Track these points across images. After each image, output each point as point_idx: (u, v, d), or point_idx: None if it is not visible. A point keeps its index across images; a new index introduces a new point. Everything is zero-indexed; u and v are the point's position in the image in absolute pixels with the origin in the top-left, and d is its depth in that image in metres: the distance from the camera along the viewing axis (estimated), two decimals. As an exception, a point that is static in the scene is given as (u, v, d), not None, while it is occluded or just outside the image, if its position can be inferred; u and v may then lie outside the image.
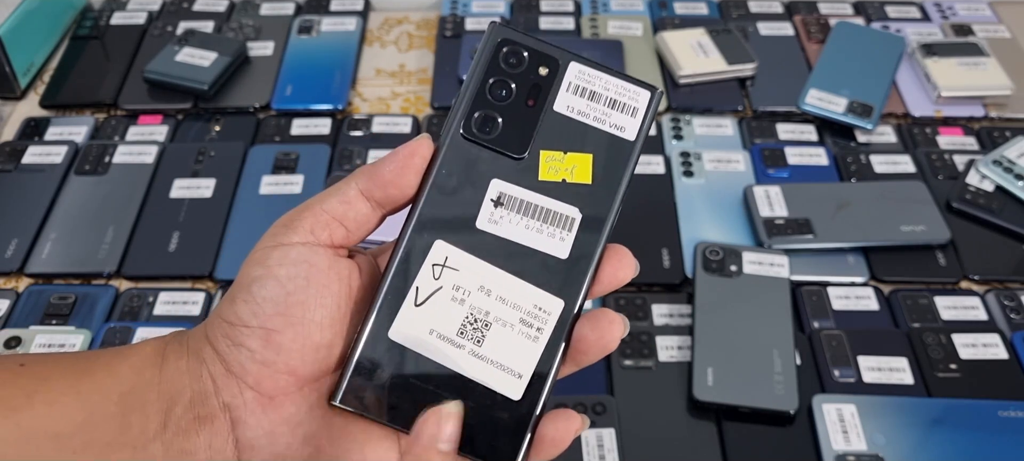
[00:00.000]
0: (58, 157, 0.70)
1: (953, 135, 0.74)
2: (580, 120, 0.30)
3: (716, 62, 0.78)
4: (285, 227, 0.30)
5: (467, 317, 0.29)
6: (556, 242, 0.29)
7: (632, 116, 0.30)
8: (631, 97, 0.30)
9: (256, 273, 0.29)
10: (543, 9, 0.87)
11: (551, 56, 0.30)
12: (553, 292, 0.29)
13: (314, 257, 0.29)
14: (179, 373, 0.30)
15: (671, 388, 0.54)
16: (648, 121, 0.30)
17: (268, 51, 0.81)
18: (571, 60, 0.30)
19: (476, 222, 0.29)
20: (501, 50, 0.30)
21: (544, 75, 0.30)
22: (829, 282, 0.61)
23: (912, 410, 0.52)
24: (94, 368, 0.30)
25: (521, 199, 0.29)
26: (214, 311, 0.31)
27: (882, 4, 0.88)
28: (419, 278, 0.29)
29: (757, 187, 0.66)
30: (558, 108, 0.30)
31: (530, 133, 0.30)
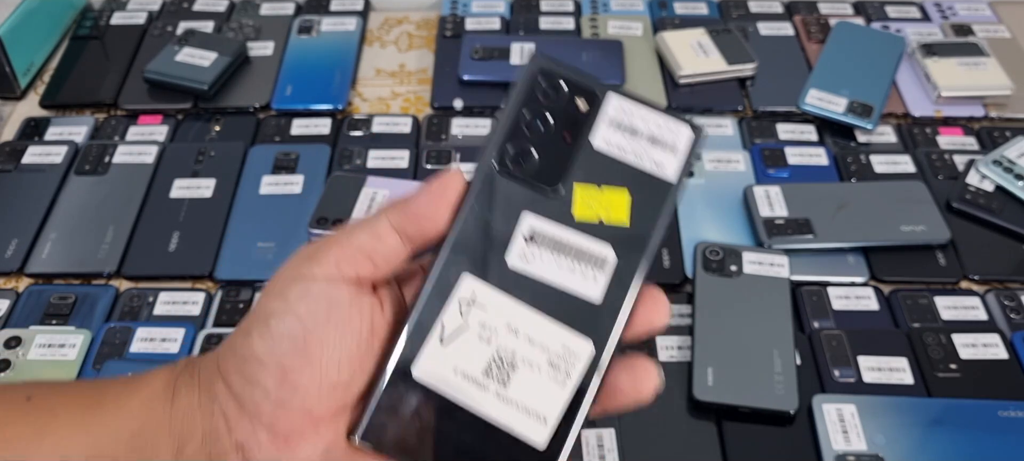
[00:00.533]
0: (58, 157, 0.70)
1: (953, 135, 0.74)
2: (618, 157, 0.29)
3: (716, 62, 0.78)
4: (309, 259, 0.29)
5: (493, 357, 0.28)
6: (589, 283, 0.28)
7: (672, 154, 0.29)
8: (671, 134, 0.29)
9: (274, 306, 0.28)
10: (543, 9, 0.87)
11: (591, 89, 0.30)
12: (583, 334, 0.28)
13: (336, 293, 0.28)
14: (190, 410, 0.29)
15: (671, 388, 0.54)
16: (689, 160, 0.29)
17: (268, 51, 0.81)
18: (611, 93, 0.29)
19: (506, 258, 0.28)
20: (540, 81, 0.30)
21: (583, 109, 0.29)
22: (829, 282, 0.61)
23: (912, 410, 0.52)
24: (103, 402, 0.29)
25: (554, 236, 0.28)
26: (228, 341, 0.30)
27: (882, 4, 0.88)
28: (445, 314, 0.28)
29: (757, 187, 0.66)
30: (596, 143, 0.29)
31: (566, 168, 0.29)
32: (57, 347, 0.57)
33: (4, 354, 0.56)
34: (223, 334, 0.57)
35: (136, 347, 0.57)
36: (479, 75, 0.78)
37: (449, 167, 0.30)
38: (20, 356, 0.56)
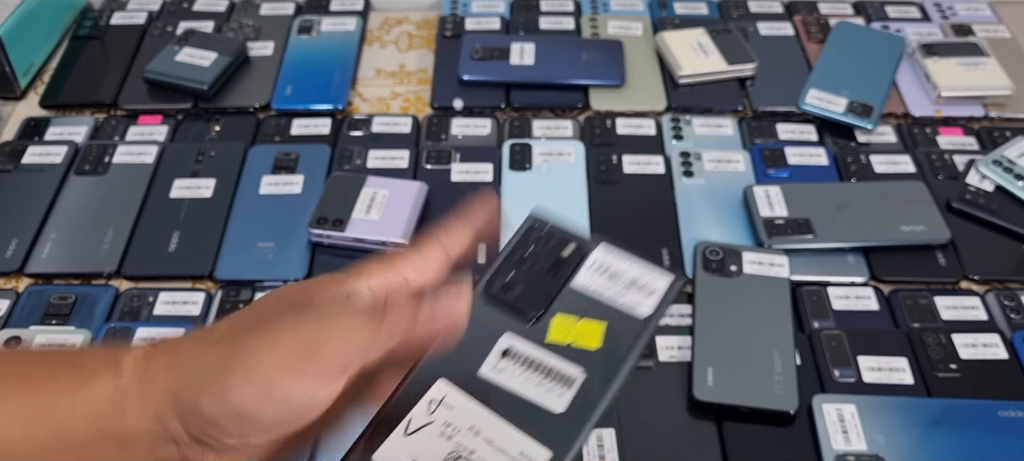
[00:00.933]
0: (58, 157, 0.70)
1: (953, 135, 0.74)
2: (596, 296, 0.32)
3: (716, 62, 0.78)
4: (312, 353, 0.28)
5: (451, 452, 0.28)
6: (554, 397, 0.29)
7: (649, 296, 0.32)
8: (651, 280, 0.32)
9: (258, 393, 0.27)
10: (543, 9, 0.87)
11: (579, 243, 0.33)
12: (543, 443, 0.28)
13: (325, 400, 0.28)
14: (140, 434, 0.28)
15: (671, 388, 0.54)
16: (665, 303, 0.32)
17: (268, 51, 0.81)
18: (599, 246, 0.33)
19: (480, 369, 0.30)
20: (535, 232, 0.34)
21: (569, 255, 0.33)
22: (829, 282, 0.61)
23: (912, 410, 0.52)
24: (45, 401, 0.28)
25: (528, 354, 0.30)
26: (197, 371, 0.28)
27: (882, 4, 0.88)
28: (414, 410, 0.29)
29: (757, 187, 0.66)
30: (578, 284, 0.32)
31: (548, 301, 0.32)
32: (57, 347, 0.57)
33: (4, 354, 0.56)
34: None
35: (136, 347, 0.57)
36: (479, 75, 0.78)
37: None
38: (20, 356, 0.56)
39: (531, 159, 0.70)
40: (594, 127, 0.74)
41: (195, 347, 0.29)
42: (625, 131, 0.74)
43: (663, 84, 0.78)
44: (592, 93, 0.77)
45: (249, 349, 0.28)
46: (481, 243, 0.34)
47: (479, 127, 0.74)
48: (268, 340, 0.28)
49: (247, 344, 0.28)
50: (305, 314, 0.29)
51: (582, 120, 0.76)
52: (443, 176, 0.69)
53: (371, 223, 0.63)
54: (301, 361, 0.28)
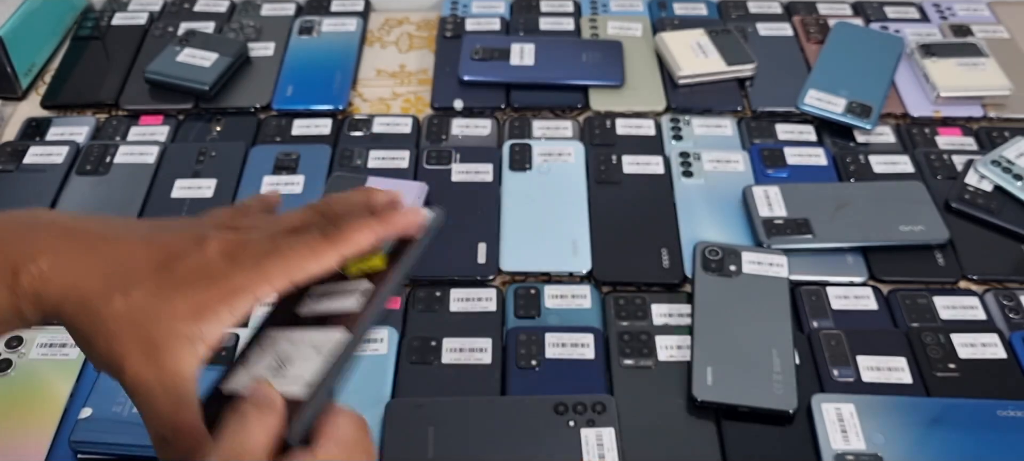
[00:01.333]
0: (59, 157, 0.71)
1: (952, 135, 0.74)
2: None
3: (715, 63, 0.78)
4: (195, 327, 0.33)
5: (273, 360, 0.35)
6: (351, 302, 0.36)
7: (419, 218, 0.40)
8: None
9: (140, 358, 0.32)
10: (543, 10, 0.87)
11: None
12: (342, 327, 0.35)
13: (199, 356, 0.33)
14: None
15: (670, 387, 0.55)
16: (433, 228, 0.40)
17: (269, 52, 0.82)
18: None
19: (297, 309, 0.38)
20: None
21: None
22: (828, 282, 0.62)
23: (911, 409, 0.53)
24: None
25: (330, 287, 0.38)
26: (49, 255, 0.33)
27: (881, 5, 0.88)
28: (249, 349, 0.37)
29: (756, 187, 0.66)
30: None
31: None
32: (58, 347, 0.57)
33: (5, 354, 0.56)
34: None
35: (137, 347, 0.57)
36: (479, 76, 0.78)
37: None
38: (21, 356, 0.56)
39: (531, 159, 0.70)
40: (594, 127, 0.74)
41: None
42: (625, 131, 0.74)
43: (662, 84, 0.78)
44: (592, 93, 0.77)
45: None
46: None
47: (479, 127, 0.74)
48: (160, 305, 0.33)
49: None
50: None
51: (582, 120, 0.76)
52: (443, 176, 0.69)
53: (372, 223, 0.63)
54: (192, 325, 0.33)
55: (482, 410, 0.53)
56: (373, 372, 0.55)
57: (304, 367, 0.34)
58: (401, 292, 0.46)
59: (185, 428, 0.32)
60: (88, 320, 0.32)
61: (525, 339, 0.57)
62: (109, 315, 0.32)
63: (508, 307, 0.60)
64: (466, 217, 0.66)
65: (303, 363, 0.34)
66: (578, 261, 0.63)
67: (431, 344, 0.57)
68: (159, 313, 0.32)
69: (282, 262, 0.34)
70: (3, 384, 0.55)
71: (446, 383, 0.55)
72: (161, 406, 0.32)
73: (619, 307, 0.59)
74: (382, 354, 0.56)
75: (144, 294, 0.32)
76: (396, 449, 0.51)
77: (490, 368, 0.56)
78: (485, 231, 0.64)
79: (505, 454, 0.50)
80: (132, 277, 0.33)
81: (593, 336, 0.57)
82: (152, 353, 0.32)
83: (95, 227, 0.35)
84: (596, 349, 0.56)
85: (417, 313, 0.59)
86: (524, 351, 0.56)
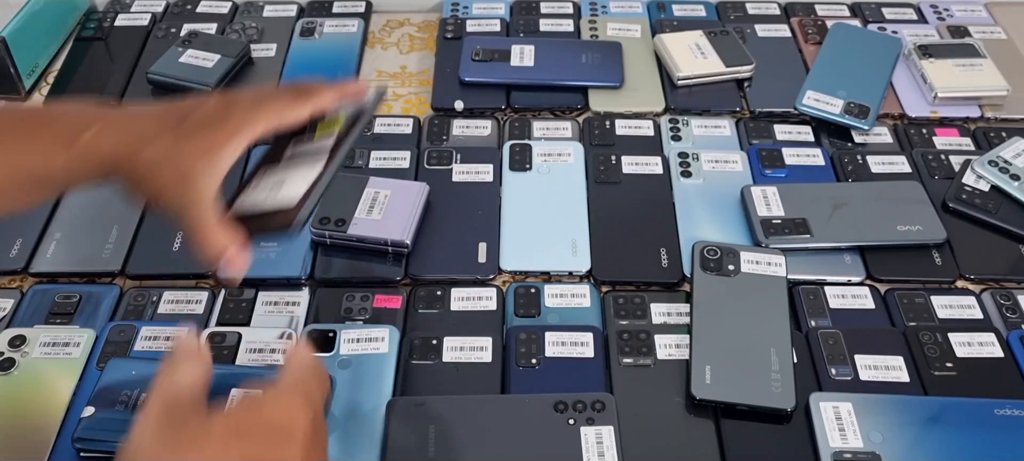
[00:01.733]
0: (62, 158, 0.71)
1: (949, 136, 0.74)
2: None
3: (714, 64, 0.79)
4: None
5: (274, 182, 0.48)
6: (322, 149, 0.49)
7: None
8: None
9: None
10: (543, 11, 0.88)
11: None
12: (319, 163, 0.48)
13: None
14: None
15: (669, 386, 0.55)
16: (377, 100, 0.53)
17: (271, 53, 0.82)
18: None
19: (285, 152, 0.50)
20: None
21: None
22: (826, 281, 0.62)
23: (908, 408, 0.53)
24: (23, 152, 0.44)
25: (303, 145, 0.50)
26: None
27: (878, 6, 0.89)
28: (254, 176, 0.49)
29: (754, 187, 0.67)
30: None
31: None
32: (61, 346, 0.57)
33: (9, 353, 0.56)
34: (226, 332, 0.58)
35: (140, 345, 0.57)
36: (480, 76, 0.78)
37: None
38: (25, 355, 0.56)
39: (531, 159, 0.71)
40: (593, 128, 0.75)
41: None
42: (624, 132, 0.74)
43: (661, 85, 0.79)
44: (591, 94, 0.77)
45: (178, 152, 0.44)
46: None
47: (480, 128, 0.75)
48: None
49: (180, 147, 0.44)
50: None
51: (581, 121, 0.76)
52: (444, 176, 0.69)
53: (373, 223, 0.63)
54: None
55: (482, 408, 0.53)
56: (374, 370, 0.56)
57: (297, 185, 0.47)
58: (351, 158, 0.67)
59: (213, 234, 0.44)
60: (131, 168, 0.44)
61: (525, 338, 0.57)
62: (145, 162, 0.43)
63: (508, 306, 0.60)
64: (467, 217, 0.66)
65: (295, 183, 0.47)
66: (578, 260, 0.63)
67: (432, 342, 0.57)
68: (181, 153, 0.43)
69: (267, 110, 0.46)
70: (6, 383, 0.55)
71: (447, 381, 0.55)
72: (193, 220, 0.43)
73: (618, 306, 0.60)
74: (383, 353, 0.57)
75: (169, 142, 0.44)
76: (397, 447, 0.51)
77: (490, 367, 0.56)
78: (485, 231, 0.65)
79: (505, 452, 0.50)
80: (158, 132, 0.44)
81: (593, 335, 0.58)
82: (181, 183, 0.43)
83: (126, 107, 0.48)
84: (596, 348, 0.57)
85: (418, 312, 0.60)
86: (524, 350, 0.57)
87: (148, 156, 0.43)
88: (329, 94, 0.49)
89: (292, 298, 0.61)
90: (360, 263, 0.63)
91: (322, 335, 0.58)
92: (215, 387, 0.53)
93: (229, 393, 0.53)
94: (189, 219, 0.43)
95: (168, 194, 0.43)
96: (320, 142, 0.50)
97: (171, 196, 0.43)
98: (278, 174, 0.48)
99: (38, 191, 0.47)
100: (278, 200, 0.46)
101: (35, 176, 0.45)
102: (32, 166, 0.44)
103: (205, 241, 0.43)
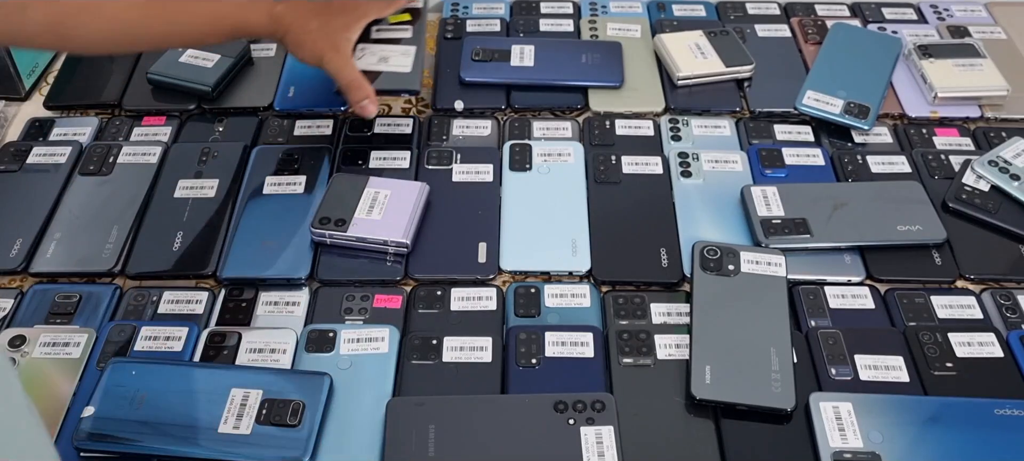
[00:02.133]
0: (62, 157, 0.71)
1: (949, 136, 0.74)
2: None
3: (714, 64, 0.79)
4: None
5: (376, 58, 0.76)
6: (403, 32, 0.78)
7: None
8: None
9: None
10: (543, 11, 0.88)
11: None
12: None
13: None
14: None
15: (669, 386, 0.55)
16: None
17: (271, 52, 0.82)
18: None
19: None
20: None
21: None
22: (826, 281, 0.62)
23: (908, 408, 0.53)
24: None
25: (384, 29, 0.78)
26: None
27: (878, 6, 0.89)
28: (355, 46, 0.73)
29: (754, 187, 0.67)
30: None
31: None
32: (61, 345, 0.57)
33: (9, 353, 0.56)
34: (226, 333, 0.58)
35: (140, 345, 0.57)
36: (480, 77, 0.78)
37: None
38: (25, 355, 0.56)
39: (531, 159, 0.71)
40: (593, 128, 0.75)
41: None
42: (624, 132, 0.74)
43: (661, 85, 0.79)
44: (591, 94, 0.77)
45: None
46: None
47: (480, 128, 0.75)
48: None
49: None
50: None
51: (581, 121, 0.76)
52: (444, 176, 0.69)
53: (373, 223, 0.63)
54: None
55: (483, 408, 0.53)
56: (375, 370, 0.56)
57: (404, 58, 0.76)
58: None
59: (356, 78, 0.67)
60: (301, 31, 0.65)
61: (525, 337, 0.57)
62: (310, 30, 0.65)
63: (508, 306, 0.60)
64: (467, 217, 0.66)
65: (399, 57, 0.76)
66: (578, 260, 0.63)
67: (432, 342, 0.57)
68: (334, 27, 0.67)
69: (375, 5, 0.72)
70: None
71: (447, 381, 0.55)
72: (344, 75, 0.67)
73: (618, 306, 0.60)
74: (383, 353, 0.57)
75: (326, 17, 0.66)
76: (397, 447, 0.51)
77: (490, 367, 0.56)
78: (485, 231, 0.65)
79: (505, 452, 0.50)
80: (319, 12, 0.66)
81: (593, 335, 0.58)
82: (336, 47, 0.67)
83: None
84: (596, 348, 0.57)
85: (418, 312, 0.60)
86: (524, 349, 0.57)
87: (313, 26, 0.65)
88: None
89: (292, 298, 0.61)
90: (360, 263, 0.63)
91: (322, 335, 0.58)
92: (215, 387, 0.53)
93: (229, 393, 0.53)
94: (341, 74, 0.66)
95: (329, 55, 0.66)
96: (395, 25, 0.79)
97: (330, 56, 0.66)
98: (376, 48, 0.76)
99: (230, 37, 0.65)
100: (393, 65, 0.75)
101: (236, 27, 0.64)
102: (236, 18, 0.63)
103: (355, 85, 0.66)
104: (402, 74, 0.74)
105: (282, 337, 0.58)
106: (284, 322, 0.60)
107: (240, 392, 0.53)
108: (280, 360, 0.57)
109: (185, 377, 0.54)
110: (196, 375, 0.54)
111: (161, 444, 0.51)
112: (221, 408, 0.52)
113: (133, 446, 0.51)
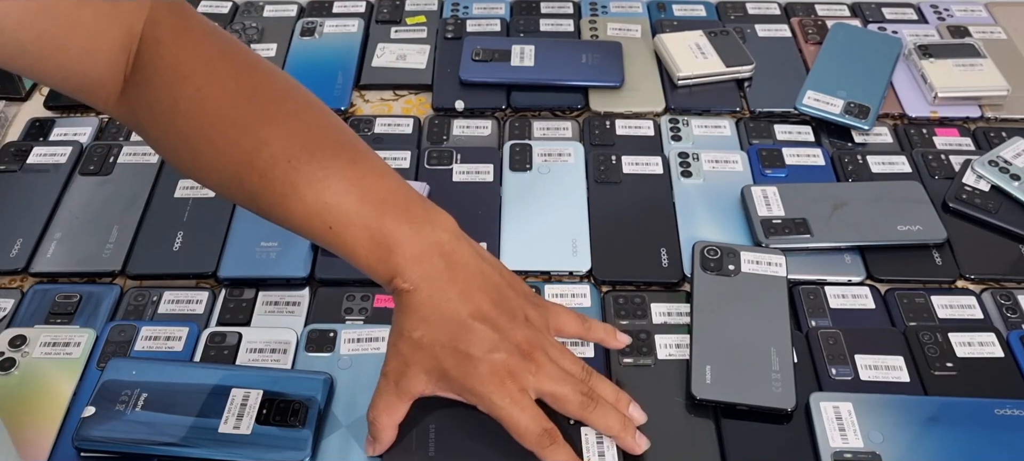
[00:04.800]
0: (63, 157, 0.71)
1: (949, 136, 0.74)
2: None
3: (714, 64, 0.79)
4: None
5: None
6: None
7: None
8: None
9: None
10: (543, 11, 0.88)
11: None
12: None
13: None
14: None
15: (670, 386, 0.55)
16: None
17: (271, 53, 0.82)
18: None
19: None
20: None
21: None
22: (826, 281, 0.62)
23: (909, 408, 0.53)
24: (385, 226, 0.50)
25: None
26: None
27: (879, 6, 0.89)
28: None
29: (755, 187, 0.67)
30: None
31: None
32: (62, 345, 0.57)
33: (9, 353, 0.56)
34: (226, 332, 0.58)
35: (140, 345, 0.57)
36: (480, 77, 0.78)
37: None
38: (25, 355, 0.56)
39: (531, 160, 0.71)
40: (593, 128, 0.75)
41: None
42: (624, 132, 0.74)
43: (661, 85, 0.79)
44: (591, 94, 0.77)
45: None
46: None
47: (480, 128, 0.75)
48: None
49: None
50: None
51: (582, 121, 0.76)
52: (444, 176, 0.69)
53: (373, 223, 0.63)
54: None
55: (483, 408, 0.53)
56: (374, 370, 0.56)
57: (419, 57, 0.80)
58: None
59: (377, 426, 0.51)
60: (406, 316, 0.49)
61: (525, 338, 0.57)
62: (405, 331, 0.49)
63: (508, 306, 0.60)
64: (467, 217, 0.66)
65: (416, 56, 0.80)
66: (578, 260, 0.63)
67: (432, 343, 0.57)
68: (422, 355, 0.49)
69: (494, 405, 0.49)
70: (6, 383, 0.55)
71: (447, 381, 0.55)
72: (381, 399, 0.50)
73: (619, 306, 0.60)
74: (383, 353, 0.56)
75: (421, 347, 0.49)
76: (397, 447, 0.51)
77: (491, 367, 0.56)
78: (486, 231, 0.65)
79: (505, 452, 0.50)
80: (431, 336, 0.49)
81: (593, 335, 0.58)
82: (402, 371, 0.49)
83: (456, 264, 0.51)
84: (596, 347, 0.57)
85: (418, 312, 0.60)
86: (524, 350, 0.57)
87: (412, 336, 0.49)
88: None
89: (292, 298, 0.61)
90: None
91: (322, 335, 0.58)
92: (215, 387, 0.53)
93: (229, 393, 0.53)
94: (381, 393, 0.50)
95: (385, 366, 0.50)
96: (412, 26, 0.83)
97: (389, 367, 0.50)
98: (394, 47, 0.78)
99: (340, 255, 0.51)
100: (410, 62, 0.78)
101: (350, 255, 0.50)
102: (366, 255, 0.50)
103: (374, 413, 0.50)
104: (417, 70, 0.77)
105: (282, 337, 0.58)
106: (284, 322, 0.60)
107: (240, 392, 0.53)
108: (280, 360, 0.57)
109: (185, 377, 0.54)
110: (196, 375, 0.54)
111: (161, 444, 0.51)
112: (221, 408, 0.52)
113: (133, 446, 0.51)
